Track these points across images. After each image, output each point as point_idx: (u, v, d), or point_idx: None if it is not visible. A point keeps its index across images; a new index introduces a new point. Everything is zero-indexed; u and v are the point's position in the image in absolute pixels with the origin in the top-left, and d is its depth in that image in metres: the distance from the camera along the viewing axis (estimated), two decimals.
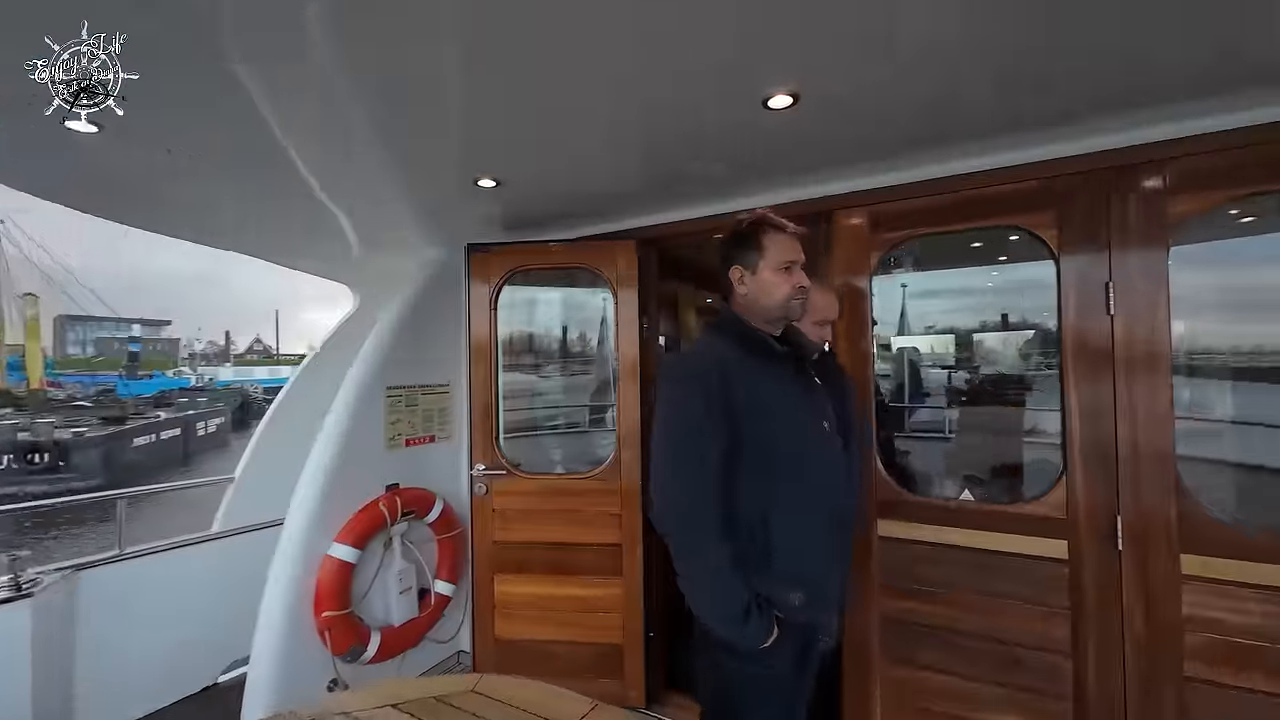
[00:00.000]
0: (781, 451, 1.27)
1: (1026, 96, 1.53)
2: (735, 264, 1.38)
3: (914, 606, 1.95)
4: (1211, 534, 1.59)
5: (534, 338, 3.44)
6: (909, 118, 1.64)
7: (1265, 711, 1.51)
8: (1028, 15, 1.19)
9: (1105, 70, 1.40)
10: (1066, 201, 1.77)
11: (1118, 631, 1.68)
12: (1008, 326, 4.11)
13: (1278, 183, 1.56)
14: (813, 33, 1.25)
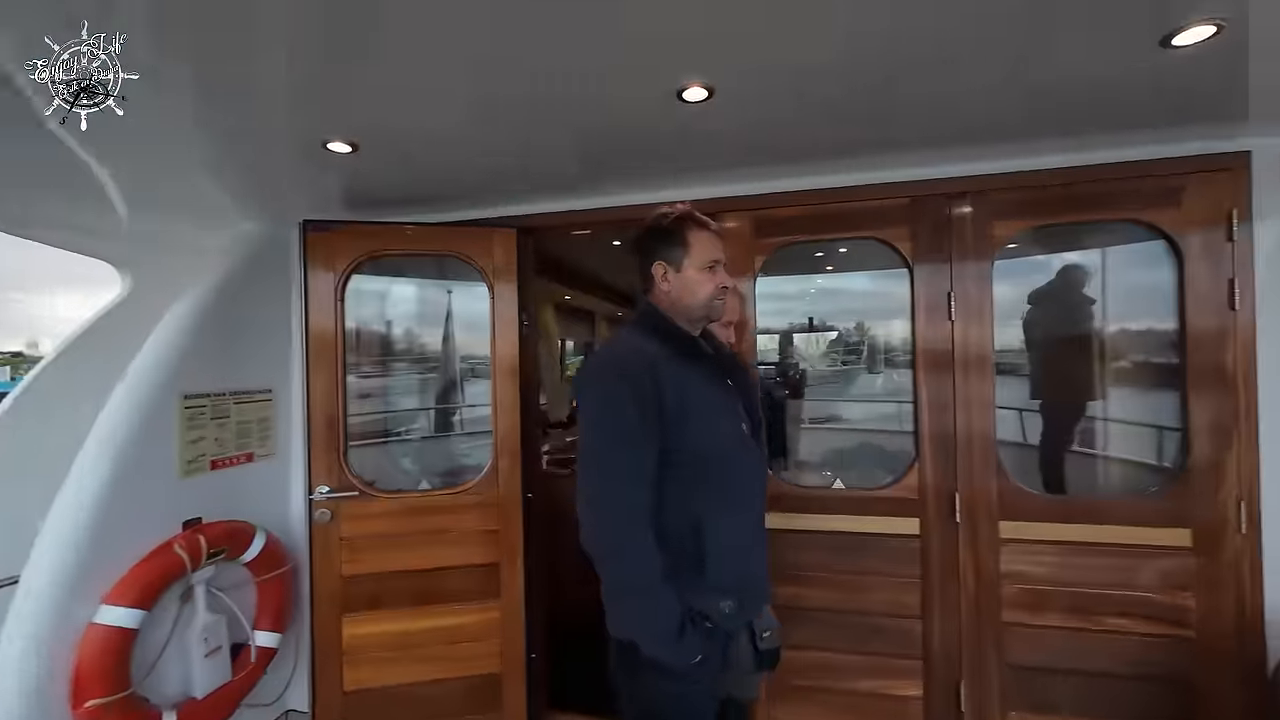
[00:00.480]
0: (711, 455, 1.24)
1: (893, 126, 1.69)
2: (659, 259, 1.32)
3: (794, 592, 2.07)
4: (1020, 502, 1.93)
5: (372, 334, 2.98)
6: (788, 135, 1.72)
7: (1059, 641, 1.88)
8: (893, 60, 1.31)
9: (945, 113, 1.61)
10: (918, 219, 2.02)
11: (955, 592, 1.97)
12: (812, 328, 4.67)
13: (1061, 216, 1.95)
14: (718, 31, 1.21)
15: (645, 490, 1.16)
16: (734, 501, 1.27)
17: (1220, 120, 1.69)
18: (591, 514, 1.17)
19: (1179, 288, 1.85)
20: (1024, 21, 1.21)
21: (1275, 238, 1.76)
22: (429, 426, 3.41)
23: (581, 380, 1.30)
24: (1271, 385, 1.76)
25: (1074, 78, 1.43)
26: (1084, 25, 1.23)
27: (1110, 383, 2.42)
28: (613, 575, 1.16)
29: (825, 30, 1.22)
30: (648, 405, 1.16)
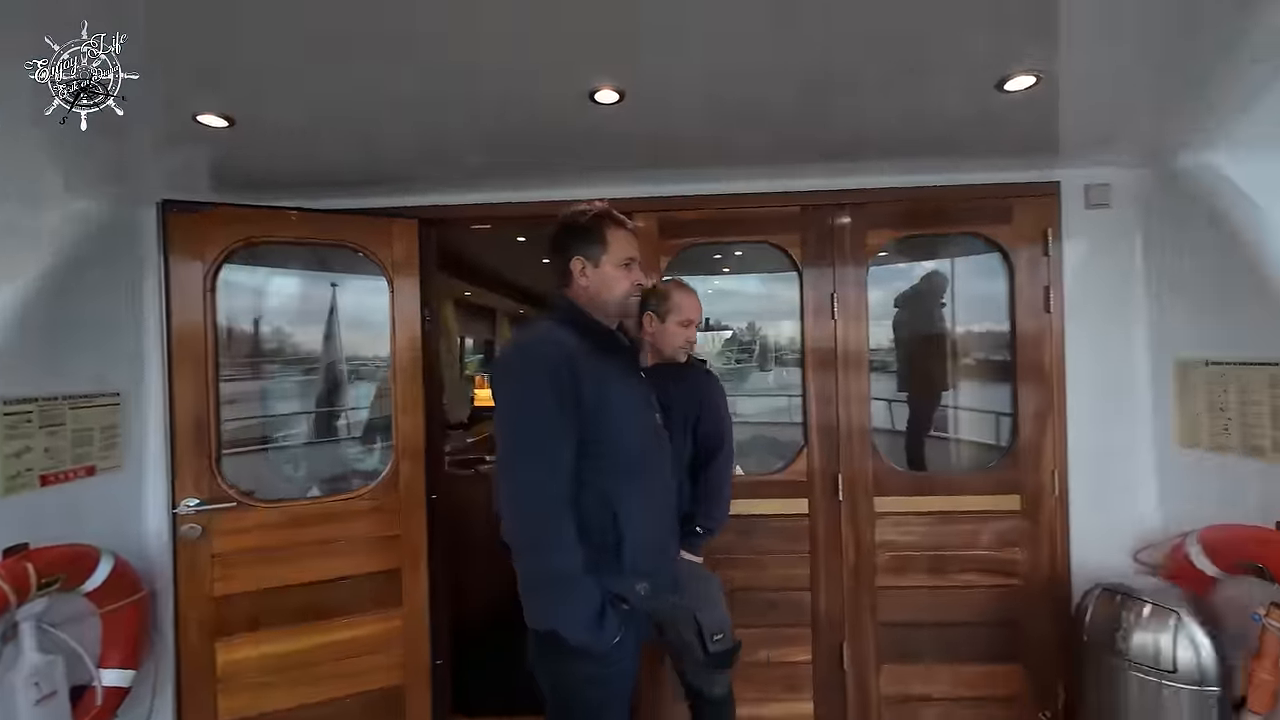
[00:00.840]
0: (627, 446, 1.29)
1: (787, 139, 1.85)
2: (577, 255, 1.34)
3: None
4: (891, 480, 2.20)
5: (244, 331, 2.68)
6: (700, 141, 1.82)
7: (921, 599, 2.17)
8: (786, 80, 1.45)
9: (832, 130, 1.80)
10: (808, 226, 2.21)
11: (838, 563, 2.19)
12: (709, 328, 4.95)
13: (922, 228, 2.23)
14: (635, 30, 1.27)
15: (565, 481, 1.18)
16: (649, 490, 1.33)
17: (1038, 153, 2.03)
18: (513, 506, 1.18)
19: (1010, 295, 2.20)
20: (895, 60, 1.39)
21: (1078, 254, 2.15)
22: (309, 431, 3.14)
23: (499, 373, 1.30)
24: (1076, 378, 2.15)
25: (933, 111, 1.66)
26: (940, 68, 1.43)
27: (960, 376, 2.79)
28: (533, 566, 1.18)
29: (736, 42, 1.31)
30: (566, 396, 1.18)
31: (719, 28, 1.24)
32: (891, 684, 2.17)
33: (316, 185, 2.07)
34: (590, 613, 1.17)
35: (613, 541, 1.25)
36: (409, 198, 2.16)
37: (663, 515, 1.38)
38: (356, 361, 3.04)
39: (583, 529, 1.20)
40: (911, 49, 1.36)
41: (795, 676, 2.18)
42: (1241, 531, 1.75)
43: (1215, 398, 1.89)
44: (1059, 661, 2.11)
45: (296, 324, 2.90)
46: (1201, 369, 1.93)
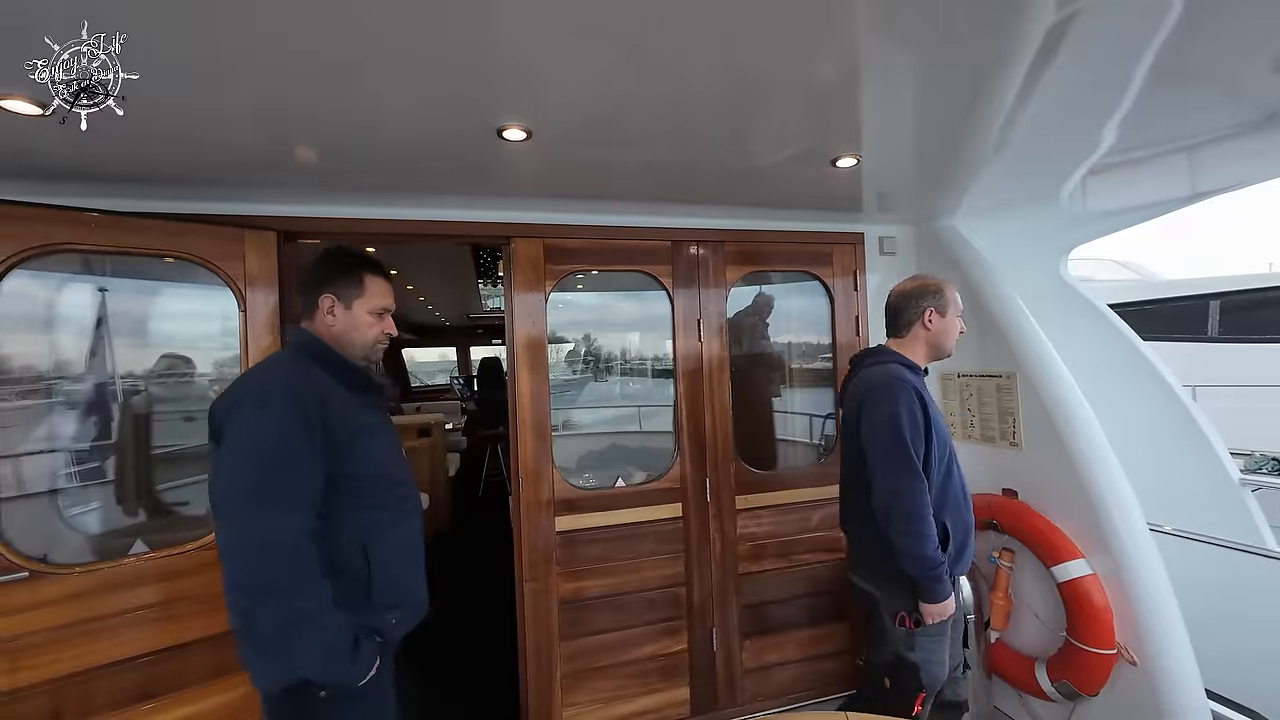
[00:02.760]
0: (377, 480, 1.30)
1: (656, 182, 2.07)
2: (329, 291, 1.34)
3: (586, 584, 2.30)
4: (748, 480, 2.54)
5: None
6: (584, 175, 1.95)
7: (773, 580, 2.54)
8: (661, 135, 1.68)
9: (697, 179, 2.07)
10: (677, 258, 2.47)
11: (708, 558, 2.47)
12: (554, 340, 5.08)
13: (766, 265, 2.64)
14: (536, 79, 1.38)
15: (309, 516, 1.16)
16: (398, 523, 1.33)
17: (851, 211, 2.56)
18: (247, 551, 1.11)
19: (831, 320, 2.71)
20: (759, 145, 1.69)
21: (875, 288, 2.74)
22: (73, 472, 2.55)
23: (231, 407, 1.20)
24: None
25: (782, 176, 2.02)
26: (792, 146, 1.77)
27: (792, 384, 3.31)
28: (275, 610, 1.10)
29: (615, 100, 1.47)
30: (314, 427, 1.17)
31: (597, 86, 1.39)
32: (752, 657, 2.51)
33: (133, 181, 1.75)
34: (343, 646, 1.14)
35: (363, 576, 1.24)
36: (265, 205, 1.94)
37: (412, 548, 1.38)
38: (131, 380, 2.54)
39: (330, 565, 1.17)
40: (774, 140, 1.69)
41: (675, 666, 2.40)
42: (983, 498, 2.40)
43: (965, 401, 2.56)
44: None
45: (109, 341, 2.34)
46: (955, 379, 2.60)
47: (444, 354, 10.33)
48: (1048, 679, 2.10)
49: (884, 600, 1.74)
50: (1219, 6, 1.15)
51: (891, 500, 1.62)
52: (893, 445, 1.63)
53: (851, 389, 1.83)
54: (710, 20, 1.12)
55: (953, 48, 1.26)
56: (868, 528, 1.73)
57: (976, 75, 1.38)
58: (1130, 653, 1.90)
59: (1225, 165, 2.16)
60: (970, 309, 2.47)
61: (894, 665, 1.73)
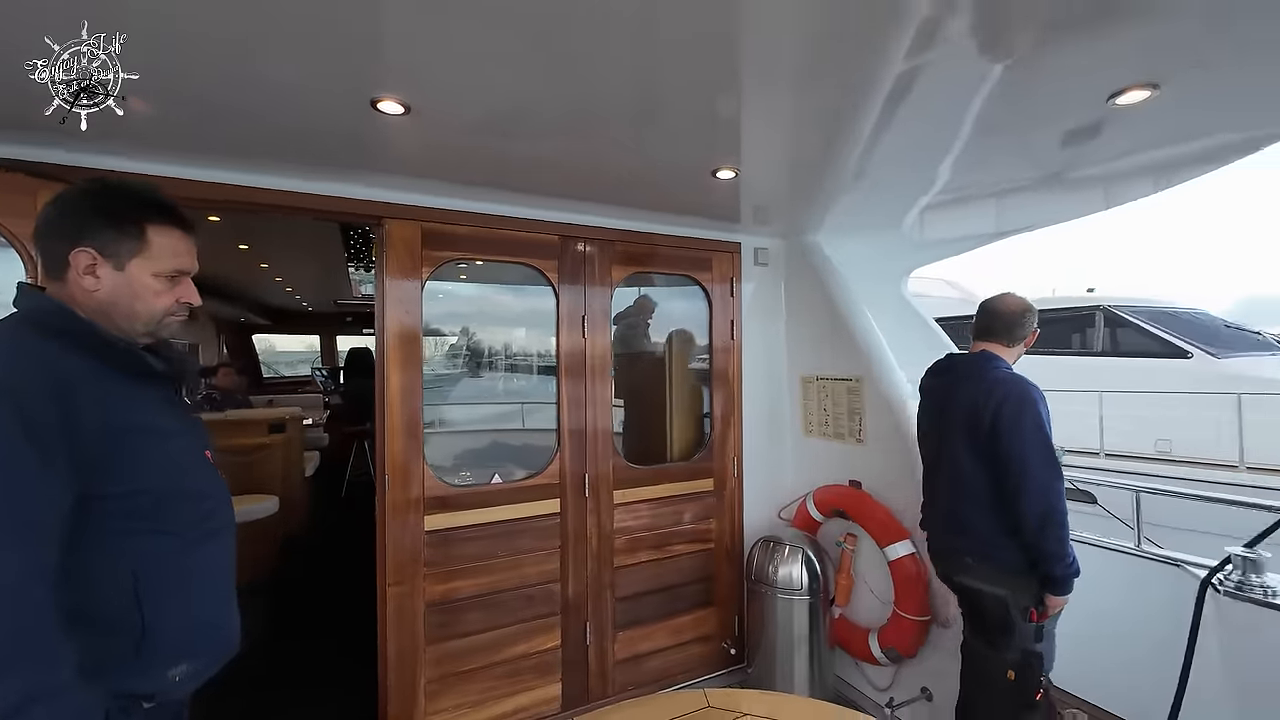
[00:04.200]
0: (167, 494, 0.98)
1: (549, 176, 2.06)
2: (89, 243, 0.96)
3: (458, 585, 2.22)
4: (627, 475, 2.61)
5: None
6: (472, 161, 1.89)
7: (647, 571, 2.63)
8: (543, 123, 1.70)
9: (583, 176, 2.10)
10: (564, 253, 2.47)
11: (584, 552, 2.49)
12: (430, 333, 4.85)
13: (650, 267, 2.72)
14: None
15: (42, 551, 0.83)
16: (194, 547, 1.02)
17: (730, 221, 2.72)
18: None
19: (710, 323, 2.86)
20: (645, 154, 1.74)
21: (750, 296, 2.94)
22: None
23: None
24: (749, 387, 2.92)
25: (664, 183, 2.10)
26: (682, 153, 1.85)
27: (671, 383, 3.43)
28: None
29: (513, 91, 1.45)
30: (45, 434, 0.84)
31: (496, 72, 1.37)
32: (624, 649, 2.57)
33: None
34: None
35: (131, 624, 0.93)
36: (76, 156, 1.64)
37: (216, 577, 1.07)
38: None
39: (78, 614, 0.87)
40: (666, 145, 1.75)
41: (548, 662, 2.40)
42: (834, 489, 2.68)
43: (822, 402, 2.83)
44: (736, 600, 2.83)
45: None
46: (815, 382, 2.87)
47: (312, 343, 9.38)
48: (879, 646, 2.39)
49: (1012, 599, 1.75)
50: (1026, 81, 1.39)
51: (1049, 506, 1.65)
52: (1048, 452, 1.67)
53: (976, 393, 1.79)
54: (626, 23, 1.14)
55: (817, 86, 1.40)
56: (996, 529, 1.76)
57: (837, 113, 1.55)
58: (941, 618, 2.23)
59: (1020, 210, 2.62)
60: (828, 319, 2.75)
61: (1022, 660, 1.75)
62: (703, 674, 2.74)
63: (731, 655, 2.80)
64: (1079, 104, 1.53)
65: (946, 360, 2.04)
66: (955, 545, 1.90)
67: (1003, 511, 1.74)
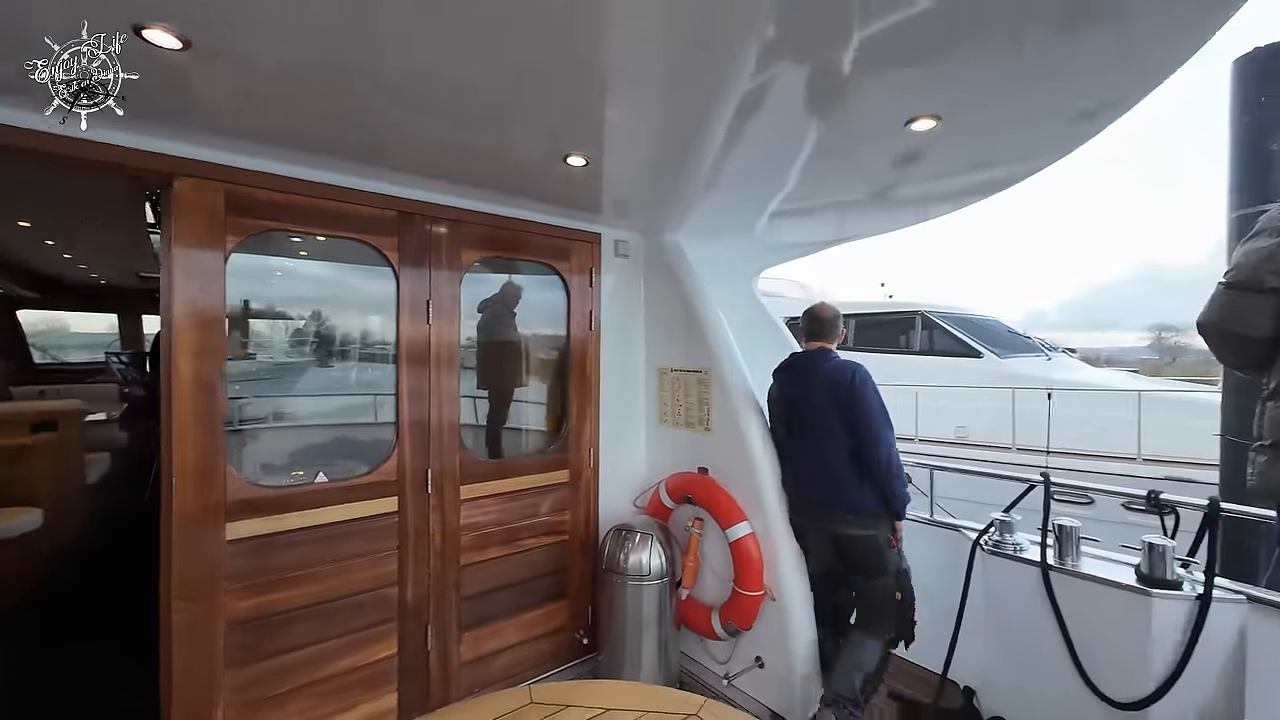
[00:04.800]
0: None
1: (387, 145, 1.89)
2: None
3: (274, 598, 1.97)
4: (475, 469, 2.49)
5: None
6: (289, 117, 1.66)
7: (498, 568, 2.54)
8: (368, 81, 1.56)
9: (424, 148, 1.96)
10: (406, 231, 2.28)
11: (426, 552, 2.34)
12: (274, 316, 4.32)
13: (507, 252, 2.62)
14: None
15: None
16: None
17: (591, 212, 2.70)
18: None
19: (567, 313, 2.82)
20: (488, 117, 1.65)
21: (609, 287, 2.95)
22: None
23: None
24: (606, 378, 2.93)
25: (514, 160, 2.01)
26: (521, 137, 1.77)
27: (530, 374, 3.36)
28: None
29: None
30: None
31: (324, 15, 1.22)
32: (470, 649, 2.47)
33: None
34: None
35: None
36: None
37: None
38: None
39: None
40: (522, 124, 1.66)
41: (380, 673, 2.21)
42: (684, 476, 2.78)
43: (675, 393, 2.93)
44: (588, 591, 2.84)
45: None
46: (669, 374, 2.96)
47: (115, 323, 7.78)
48: (719, 623, 2.54)
49: (880, 535, 2.22)
50: (845, 107, 1.52)
51: (891, 454, 2.15)
52: (885, 414, 2.18)
53: (820, 373, 2.28)
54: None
55: (674, 90, 1.43)
56: (860, 483, 2.20)
57: (694, 115, 1.61)
58: (772, 591, 2.41)
59: (858, 219, 2.91)
60: (682, 313, 2.84)
61: (899, 579, 2.26)
62: (553, 667, 2.72)
63: (584, 645, 2.81)
64: (885, 130, 1.72)
65: (793, 358, 2.48)
66: (834, 503, 2.27)
67: (863, 468, 2.20)
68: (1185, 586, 1.97)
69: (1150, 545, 2.07)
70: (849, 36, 1.25)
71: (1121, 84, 1.47)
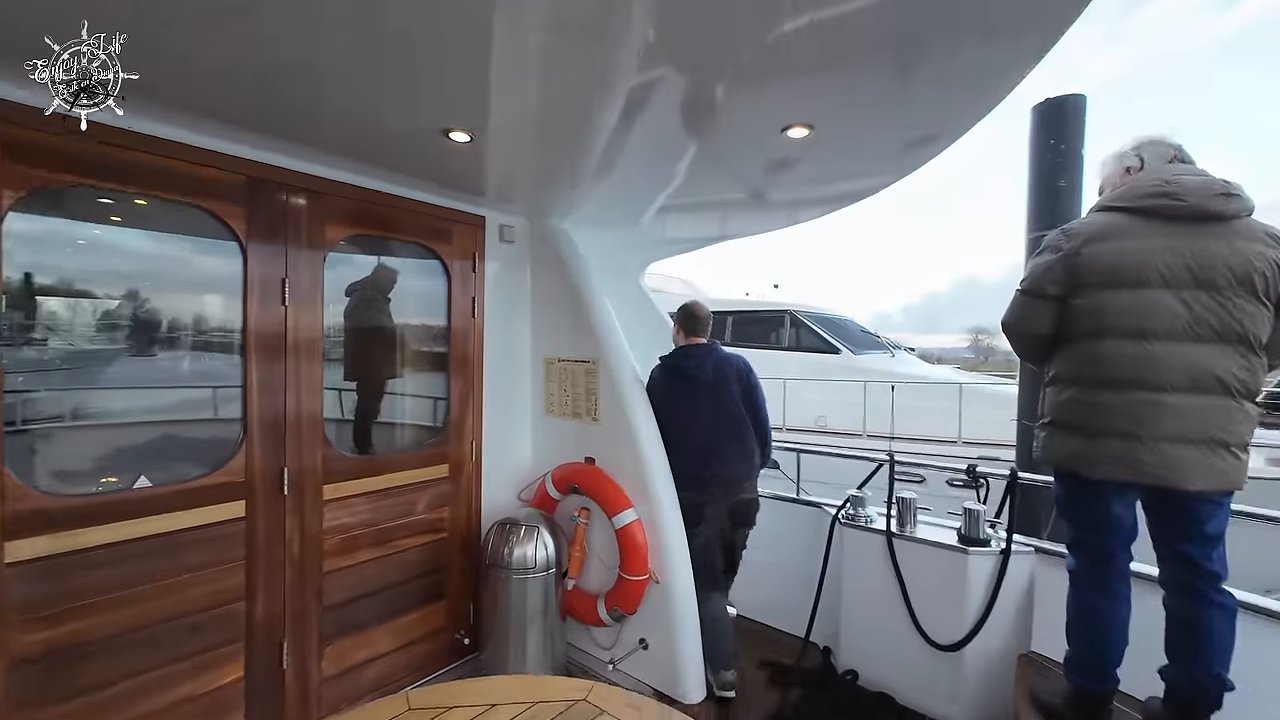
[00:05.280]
0: None
1: (230, 94, 1.65)
2: None
3: (77, 627, 1.65)
4: (340, 466, 2.27)
5: None
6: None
7: (367, 572, 2.35)
8: None
9: (285, 107, 1.76)
10: (255, 200, 2.01)
11: (281, 560, 2.10)
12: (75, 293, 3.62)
13: (379, 230, 2.41)
14: None
15: None
16: None
17: (474, 193, 2.57)
18: None
19: (448, 300, 2.67)
20: (361, 76, 1.51)
21: (494, 273, 2.84)
22: None
23: None
24: (489, 368, 2.82)
25: (389, 131, 1.86)
26: (396, 107, 1.65)
27: (406, 364, 3.13)
28: None
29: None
30: None
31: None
32: (334, 663, 2.25)
33: None
34: None
35: None
36: None
37: None
38: None
39: None
40: (382, 91, 1.52)
41: (223, 701, 1.95)
42: (571, 466, 2.77)
43: (563, 383, 2.90)
44: (469, 589, 2.73)
45: None
46: (557, 364, 2.93)
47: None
48: (605, 609, 2.57)
49: (759, 497, 2.62)
50: (735, 109, 1.58)
51: (769, 430, 2.65)
52: (765, 396, 2.65)
53: (723, 365, 2.58)
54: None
55: (556, 74, 1.39)
56: (753, 453, 2.56)
57: (581, 103, 1.57)
58: (656, 575, 2.49)
59: (738, 219, 3.07)
60: (570, 303, 2.82)
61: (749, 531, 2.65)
62: (432, 671, 2.58)
63: (465, 645, 2.70)
64: (762, 135, 1.83)
65: (689, 349, 2.66)
66: (738, 472, 2.54)
67: (755, 442, 2.57)
68: (993, 543, 2.35)
69: (967, 510, 2.44)
70: (731, 45, 1.31)
71: (954, 114, 1.70)
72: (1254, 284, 1.49)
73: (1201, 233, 1.54)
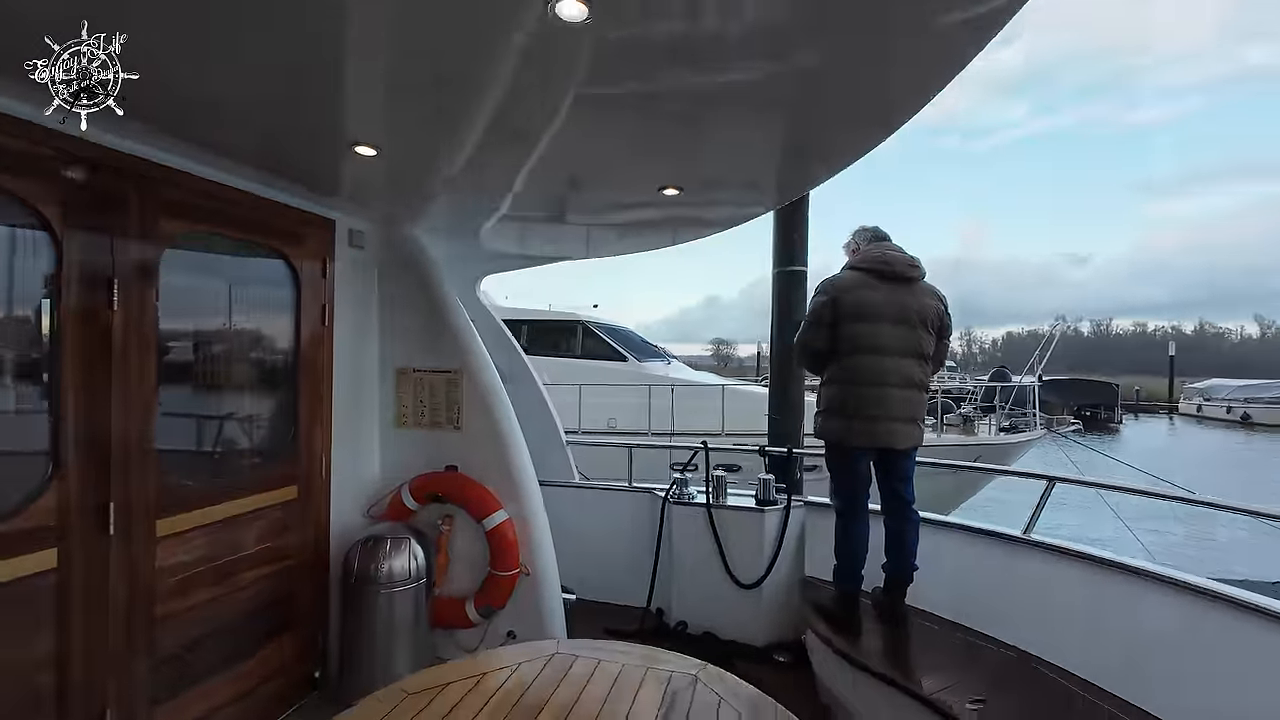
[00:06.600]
0: None
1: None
2: None
3: None
4: (180, 496, 1.97)
5: None
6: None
7: (206, 613, 2.06)
8: None
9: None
10: (74, 182, 1.66)
11: (103, 613, 1.75)
12: None
13: (227, 229, 2.15)
14: None
15: None
16: None
17: (325, 194, 2.44)
18: None
19: (296, 306, 2.47)
20: (284, 83, 1.48)
21: (344, 279, 2.69)
22: None
23: None
24: (339, 377, 2.67)
25: (236, 115, 1.77)
26: (300, 132, 1.62)
27: (249, 376, 2.70)
28: None
29: None
30: None
31: None
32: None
33: None
34: None
35: None
36: None
37: None
38: None
39: None
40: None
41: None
42: (431, 475, 2.79)
43: (419, 394, 2.89)
44: (320, 617, 2.55)
45: None
46: (411, 374, 2.90)
47: None
48: (474, 609, 2.68)
49: None
50: (602, 133, 1.96)
51: None
52: None
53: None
54: None
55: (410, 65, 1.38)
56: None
57: (448, 116, 1.65)
58: (527, 568, 2.71)
59: (571, 245, 3.44)
60: (426, 311, 2.84)
61: None
62: (282, 711, 2.34)
63: (316, 677, 2.51)
64: (639, 192, 2.27)
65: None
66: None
67: None
68: (779, 503, 3.18)
69: (761, 480, 3.24)
70: None
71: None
72: (928, 322, 2.48)
73: (901, 289, 2.48)
